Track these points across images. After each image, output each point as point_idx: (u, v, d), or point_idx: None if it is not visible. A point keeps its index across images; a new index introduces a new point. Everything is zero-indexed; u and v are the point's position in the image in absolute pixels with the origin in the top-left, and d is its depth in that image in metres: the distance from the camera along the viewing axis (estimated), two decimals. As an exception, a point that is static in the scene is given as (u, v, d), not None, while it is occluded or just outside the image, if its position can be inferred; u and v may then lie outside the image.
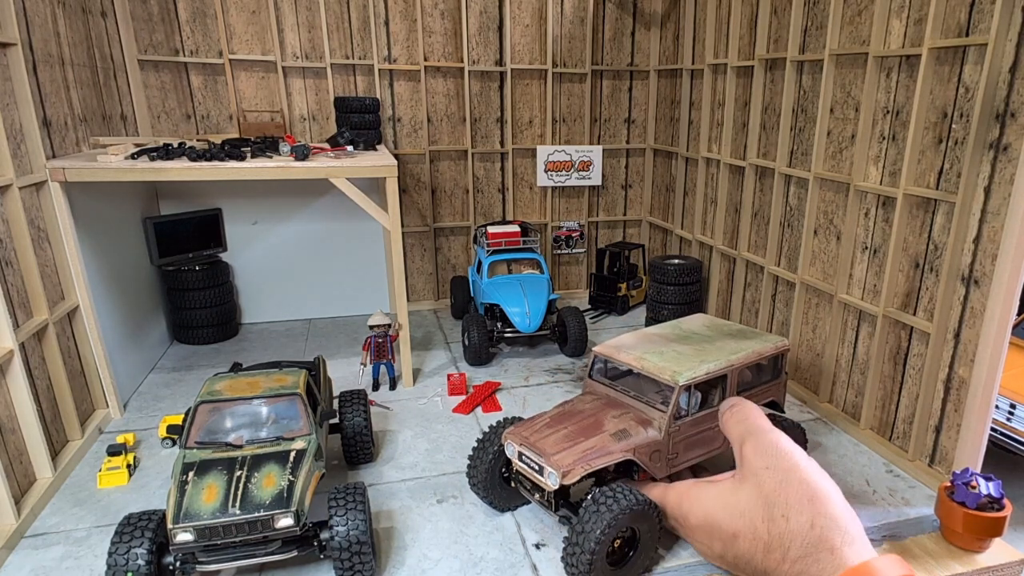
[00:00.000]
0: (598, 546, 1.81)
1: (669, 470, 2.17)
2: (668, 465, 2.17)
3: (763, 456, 0.92)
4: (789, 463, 0.90)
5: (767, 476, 0.90)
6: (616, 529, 1.89)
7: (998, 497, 3.00)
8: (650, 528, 1.92)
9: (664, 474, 2.15)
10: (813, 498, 0.87)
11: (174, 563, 2.63)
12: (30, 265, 3.55)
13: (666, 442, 2.18)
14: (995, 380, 3.30)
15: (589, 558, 1.82)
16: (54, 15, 4.04)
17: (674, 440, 2.23)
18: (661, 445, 2.16)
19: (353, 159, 4.53)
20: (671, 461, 2.17)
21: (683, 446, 2.26)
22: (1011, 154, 3.10)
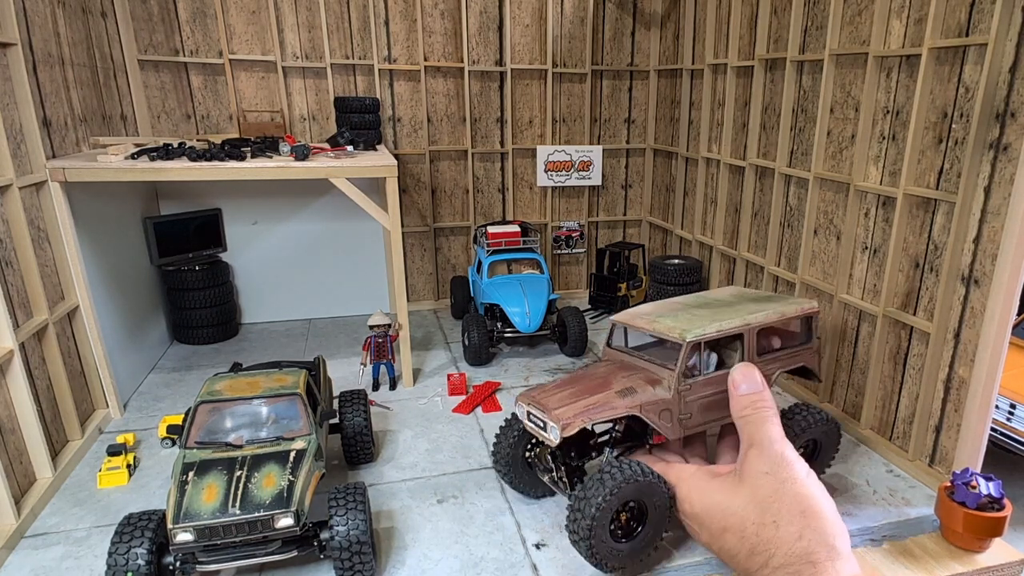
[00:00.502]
0: (599, 512, 1.75)
1: (683, 431, 2.09)
2: (681, 426, 2.08)
3: (765, 462, 0.94)
4: (788, 473, 0.92)
5: (765, 481, 0.92)
6: (619, 499, 1.84)
7: (998, 497, 3.00)
8: (659, 504, 1.87)
9: (677, 435, 2.08)
10: (806, 511, 0.89)
11: (174, 563, 2.63)
12: (30, 265, 3.55)
13: (676, 401, 2.10)
14: (995, 380, 3.30)
15: (589, 523, 1.70)
16: (54, 15, 4.04)
17: (685, 399, 2.14)
18: (670, 404, 2.07)
19: (353, 159, 4.53)
20: (684, 422, 2.08)
21: (697, 407, 2.16)
22: (1011, 154, 3.10)
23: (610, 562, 1.84)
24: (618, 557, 1.80)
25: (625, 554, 1.84)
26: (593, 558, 1.72)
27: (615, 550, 1.85)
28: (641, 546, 1.86)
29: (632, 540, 1.76)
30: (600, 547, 1.66)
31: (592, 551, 1.68)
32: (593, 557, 1.72)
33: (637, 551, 1.88)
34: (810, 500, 0.96)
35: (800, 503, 0.94)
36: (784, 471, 0.99)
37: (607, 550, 1.66)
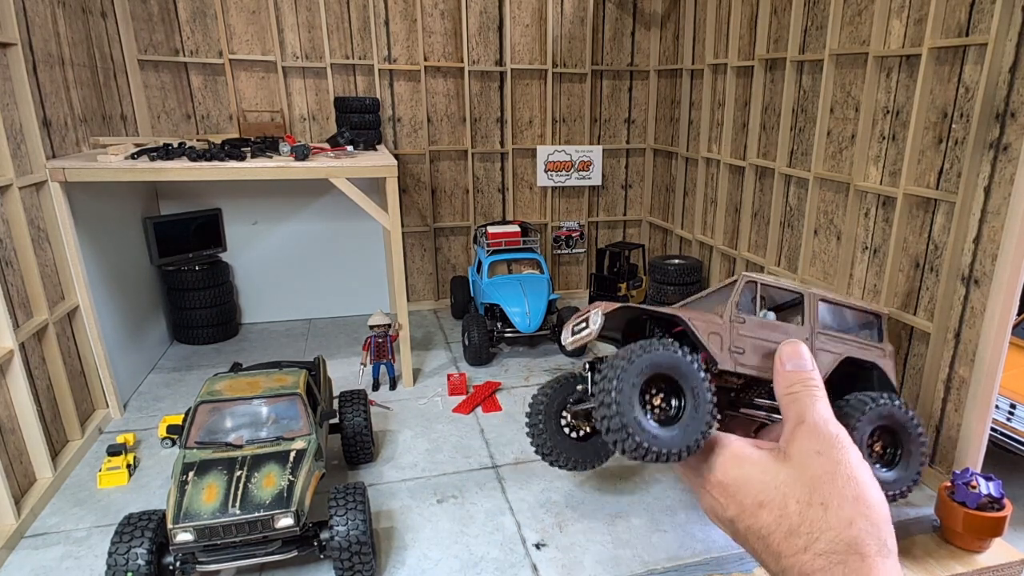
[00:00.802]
0: (628, 365, 1.45)
1: (734, 364, 1.87)
2: (732, 357, 1.87)
3: (817, 440, 0.86)
4: (843, 456, 0.84)
5: (816, 460, 0.84)
6: (650, 362, 1.43)
7: (998, 497, 3.00)
8: (699, 391, 1.45)
9: (726, 364, 1.81)
10: (859, 498, 0.81)
11: (174, 563, 2.63)
12: (30, 265, 3.55)
13: (727, 328, 1.91)
14: (995, 380, 3.30)
15: (615, 383, 1.40)
16: (54, 15, 4.04)
17: (739, 332, 1.94)
18: (721, 329, 1.85)
19: (353, 159, 4.53)
20: (735, 355, 1.88)
21: (751, 346, 1.96)
22: (1011, 154, 3.10)
23: (641, 440, 1.35)
24: (650, 438, 1.34)
25: (660, 439, 1.36)
26: (623, 429, 1.35)
27: (647, 431, 1.38)
28: (680, 436, 1.36)
29: (674, 424, 1.44)
30: (629, 417, 1.35)
31: (622, 420, 1.36)
32: (623, 429, 1.37)
33: (675, 441, 1.37)
34: (865, 487, 0.86)
35: (854, 488, 0.85)
36: (838, 452, 0.89)
37: (638, 423, 1.34)
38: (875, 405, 2.63)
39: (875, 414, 2.63)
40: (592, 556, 3.02)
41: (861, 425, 2.59)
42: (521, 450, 3.95)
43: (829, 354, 2.60)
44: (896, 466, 2.80)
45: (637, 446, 1.24)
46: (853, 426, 2.56)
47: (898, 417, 2.73)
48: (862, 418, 2.59)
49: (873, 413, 2.63)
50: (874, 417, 2.65)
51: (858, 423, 2.57)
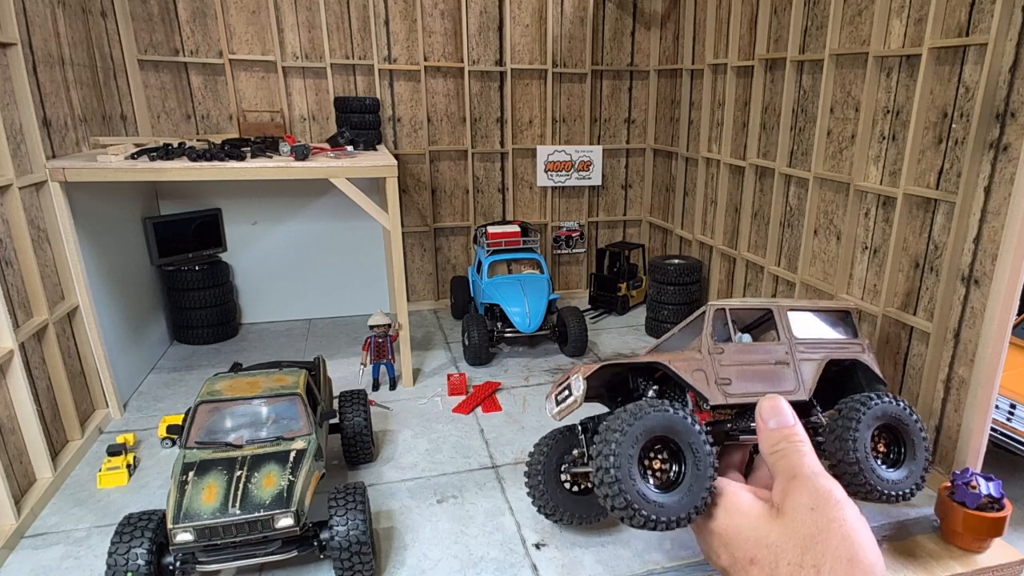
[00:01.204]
0: (622, 437, 1.42)
1: (724, 397, 1.86)
2: (720, 391, 1.87)
3: (812, 497, 0.80)
4: (837, 513, 0.79)
5: (810, 518, 0.79)
6: (644, 428, 1.43)
7: (998, 497, 3.00)
8: (697, 446, 1.45)
9: (717, 399, 1.80)
10: (853, 559, 0.76)
11: (174, 563, 2.63)
12: (30, 265, 3.55)
13: (708, 362, 1.89)
14: (995, 380, 3.30)
15: (612, 454, 1.37)
16: (54, 15, 4.04)
17: (720, 363, 1.92)
18: (703, 364, 1.82)
19: (353, 159, 4.53)
20: (723, 387, 1.87)
21: (736, 373, 1.96)
22: (1011, 154, 3.10)
23: (648, 513, 1.35)
24: (656, 508, 1.32)
25: (666, 507, 1.36)
26: (628, 507, 1.32)
27: (653, 501, 1.36)
28: (687, 499, 1.36)
29: (673, 491, 1.42)
30: (632, 492, 1.31)
31: (625, 498, 1.32)
32: (628, 506, 1.33)
33: (682, 505, 1.38)
34: (861, 548, 0.80)
35: (848, 549, 0.80)
36: (832, 510, 0.83)
37: (642, 497, 1.31)
38: (871, 405, 2.55)
39: (873, 415, 2.56)
40: (592, 556, 3.02)
41: (862, 428, 2.52)
42: (521, 450, 3.95)
43: (811, 362, 2.55)
44: (902, 464, 2.71)
45: (645, 520, 1.24)
46: (855, 429, 2.48)
47: (896, 414, 2.66)
48: (862, 420, 2.51)
49: (871, 414, 2.55)
50: (873, 418, 2.54)
51: (859, 426, 2.50)
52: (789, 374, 2.06)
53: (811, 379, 2.71)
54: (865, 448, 2.56)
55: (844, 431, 1.94)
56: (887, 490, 2.51)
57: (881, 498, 2.30)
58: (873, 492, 2.37)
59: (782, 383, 2.28)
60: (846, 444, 2.04)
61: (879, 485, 2.22)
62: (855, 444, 2.47)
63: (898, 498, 2.63)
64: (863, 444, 2.50)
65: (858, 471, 1.65)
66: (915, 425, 2.82)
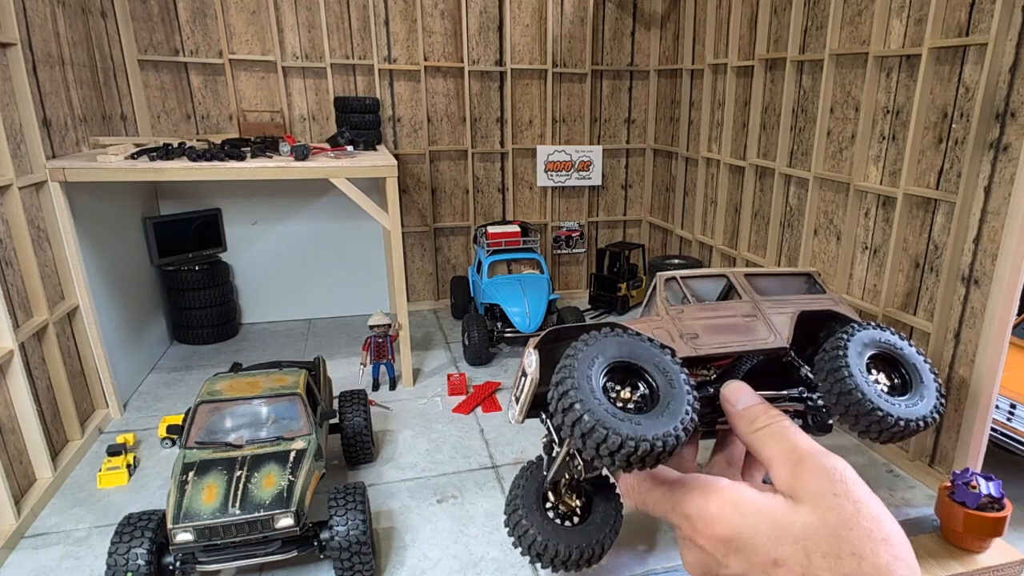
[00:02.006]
0: (575, 371, 1.09)
1: (693, 349, 1.52)
2: (688, 343, 1.53)
3: (829, 480, 0.68)
4: (859, 495, 0.69)
5: (835, 504, 0.68)
6: (603, 350, 1.00)
7: (998, 497, 3.00)
8: (672, 375, 1.07)
9: (686, 352, 1.38)
10: (888, 539, 0.68)
11: (174, 563, 2.63)
12: (30, 265, 3.55)
13: (669, 321, 1.57)
14: (995, 380, 3.30)
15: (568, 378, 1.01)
16: (54, 15, 4.04)
17: (683, 320, 1.60)
18: (664, 323, 1.53)
19: (353, 159, 4.53)
20: (691, 340, 1.54)
21: (701, 328, 1.63)
22: (1011, 154, 3.10)
23: (626, 432, 0.93)
24: (633, 427, 0.88)
25: (645, 425, 0.94)
26: (597, 428, 1.01)
27: (626, 419, 0.94)
28: (666, 418, 0.96)
29: (652, 409, 1.08)
30: (599, 411, 0.92)
31: (592, 416, 0.93)
32: (597, 427, 1.00)
33: (663, 423, 0.97)
34: (889, 523, 0.73)
35: (881, 528, 0.72)
36: (854, 491, 0.74)
37: (612, 415, 0.99)
38: (855, 331, 2.21)
39: (860, 340, 2.20)
40: (592, 556, 3.02)
41: (851, 353, 2.07)
42: (521, 450, 3.95)
43: (782, 315, 2.25)
44: (912, 390, 2.30)
45: (622, 442, 0.94)
46: (844, 356, 2.08)
47: (888, 340, 2.24)
48: (849, 344, 2.09)
49: (858, 339, 2.19)
50: (861, 344, 2.19)
51: (847, 352, 2.06)
52: (760, 325, 1.66)
53: (786, 329, 2.25)
54: (861, 373, 2.11)
55: (833, 360, 1.51)
56: (903, 415, 2.02)
57: (898, 429, 1.72)
58: (886, 422, 1.74)
59: (755, 333, 1.88)
60: (839, 373, 1.60)
61: (891, 410, 1.59)
62: (850, 370, 1.96)
63: (918, 425, 2.07)
64: (857, 369, 2.05)
65: (861, 397, 1.20)
66: (911, 350, 2.32)
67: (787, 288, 2.32)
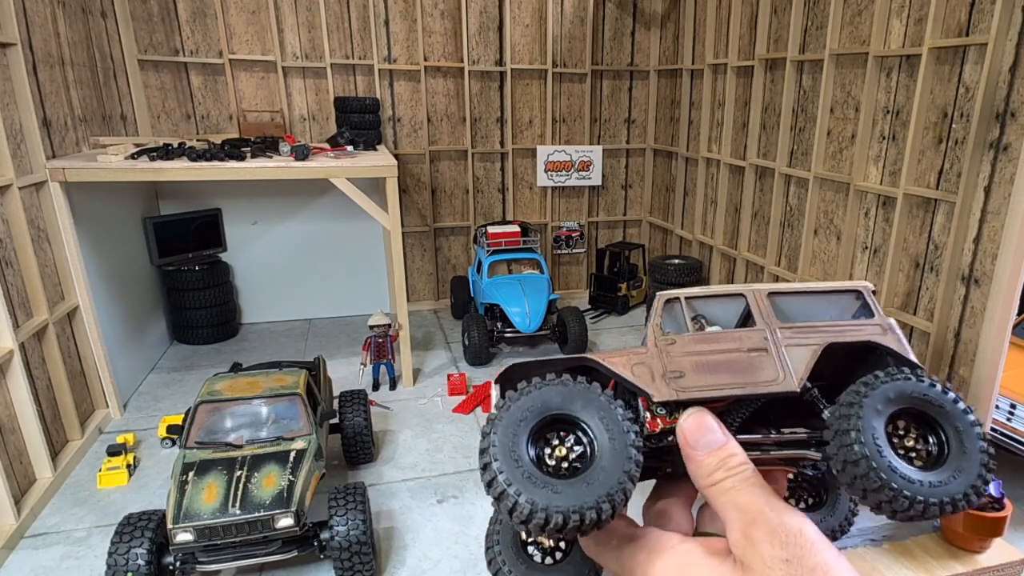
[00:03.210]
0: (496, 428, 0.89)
1: (675, 392, 1.28)
2: (669, 384, 1.30)
3: (782, 545, 0.60)
4: (817, 561, 0.60)
5: (787, 573, 0.60)
6: (537, 402, 0.84)
7: (998, 497, 3.00)
8: (613, 429, 0.91)
9: (664, 396, 1.12)
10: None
11: (174, 563, 2.63)
12: (30, 265, 3.55)
13: (655, 355, 1.32)
14: (995, 380, 3.30)
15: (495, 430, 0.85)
16: (54, 15, 4.04)
17: (670, 355, 1.35)
18: (646, 358, 1.26)
19: (353, 159, 4.53)
20: (674, 380, 1.32)
21: (691, 365, 1.39)
22: (1011, 154, 3.10)
23: (536, 503, 0.77)
24: (548, 496, 0.74)
25: (564, 493, 0.81)
26: (512, 501, 0.78)
27: (542, 485, 0.82)
28: (595, 485, 0.83)
29: (576, 477, 0.93)
30: (515, 476, 0.67)
31: (508, 490, 0.76)
32: (513, 501, 0.60)
33: (586, 492, 0.85)
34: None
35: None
36: (809, 556, 0.66)
37: (528, 480, 0.82)
38: (877, 384, 1.80)
39: (882, 395, 1.80)
40: (592, 556, 3.02)
41: (867, 413, 1.64)
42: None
43: (803, 348, 1.73)
44: (945, 463, 1.84)
45: (531, 512, 0.78)
46: (857, 416, 1.69)
47: (923, 393, 1.75)
48: (865, 403, 1.66)
49: (879, 395, 1.77)
50: (884, 400, 1.81)
51: (861, 411, 1.65)
52: (768, 362, 1.28)
53: (803, 366, 1.83)
54: (875, 440, 1.73)
55: (843, 421, 1.22)
56: (924, 496, 1.56)
57: (916, 512, 1.21)
58: (899, 502, 1.26)
59: (758, 372, 1.58)
60: (847, 437, 1.30)
61: (907, 489, 1.13)
62: (860, 435, 1.65)
63: (943, 508, 1.54)
64: (871, 435, 1.74)
65: (868, 471, 0.95)
66: (955, 407, 1.75)
67: (824, 310, 1.82)
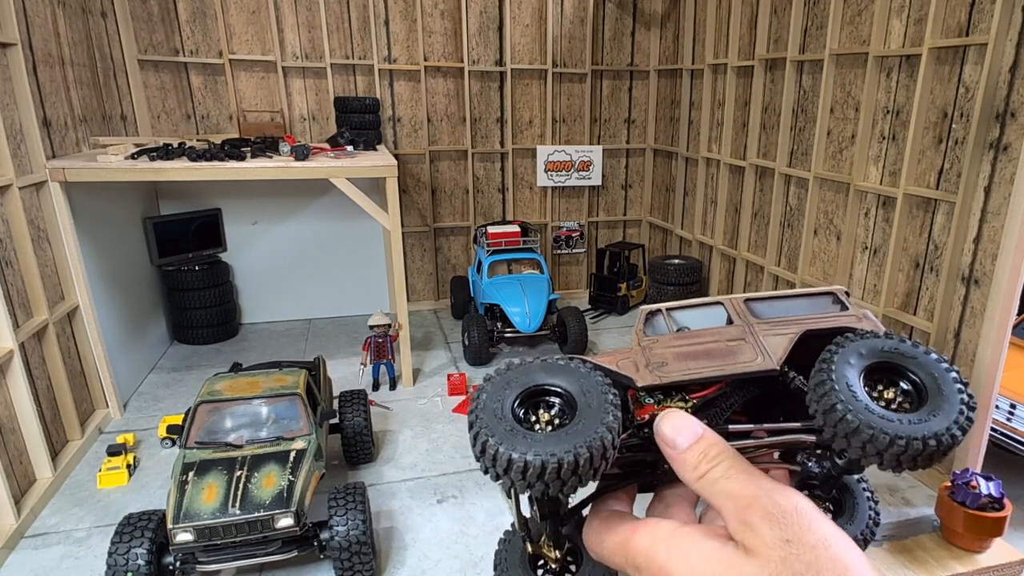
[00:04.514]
0: (482, 395, 0.87)
1: (658, 378, 1.29)
2: (652, 372, 1.32)
3: (780, 525, 0.59)
4: (816, 535, 0.60)
5: (788, 553, 0.59)
6: (517, 386, 0.84)
7: (998, 497, 3.00)
8: (595, 400, 0.87)
9: (647, 381, 1.14)
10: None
11: (174, 563, 2.63)
12: (30, 265, 3.55)
13: (639, 351, 1.37)
14: (995, 380, 3.30)
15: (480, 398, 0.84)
16: (54, 15, 4.04)
17: (654, 350, 1.37)
18: (631, 355, 1.32)
19: (353, 159, 4.53)
20: (656, 369, 1.33)
21: (673, 355, 1.40)
22: (1011, 154, 3.10)
23: (523, 451, 0.78)
24: (544, 444, 0.73)
25: (545, 442, 0.81)
26: (497, 458, 0.74)
27: (533, 438, 0.81)
28: (575, 434, 0.83)
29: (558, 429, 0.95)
30: (499, 432, 0.63)
31: (490, 443, 0.75)
32: (498, 458, 0.77)
33: (567, 439, 0.83)
34: (850, 560, 0.65)
35: (841, 568, 0.64)
36: (808, 533, 0.65)
37: (511, 434, 0.79)
38: (847, 341, 1.66)
39: (854, 350, 1.66)
40: (592, 556, 3.02)
41: (839, 364, 1.45)
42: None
43: (780, 336, 1.63)
44: (925, 406, 1.70)
45: (510, 460, 0.76)
46: (831, 370, 1.57)
47: (895, 347, 1.67)
48: (837, 354, 1.44)
49: (851, 349, 1.63)
50: (856, 354, 1.69)
51: (834, 364, 1.49)
52: (746, 348, 1.26)
53: (781, 349, 1.71)
54: (849, 386, 1.55)
55: (818, 374, 1.11)
56: (903, 433, 1.35)
57: (899, 449, 1.09)
58: (879, 441, 1.15)
59: (737, 356, 1.52)
60: (822, 388, 1.17)
61: (886, 428, 1.04)
62: (834, 383, 1.44)
63: (926, 444, 1.26)
64: (844, 382, 1.53)
65: (844, 413, 0.88)
66: (928, 357, 1.57)
67: (800, 310, 1.85)
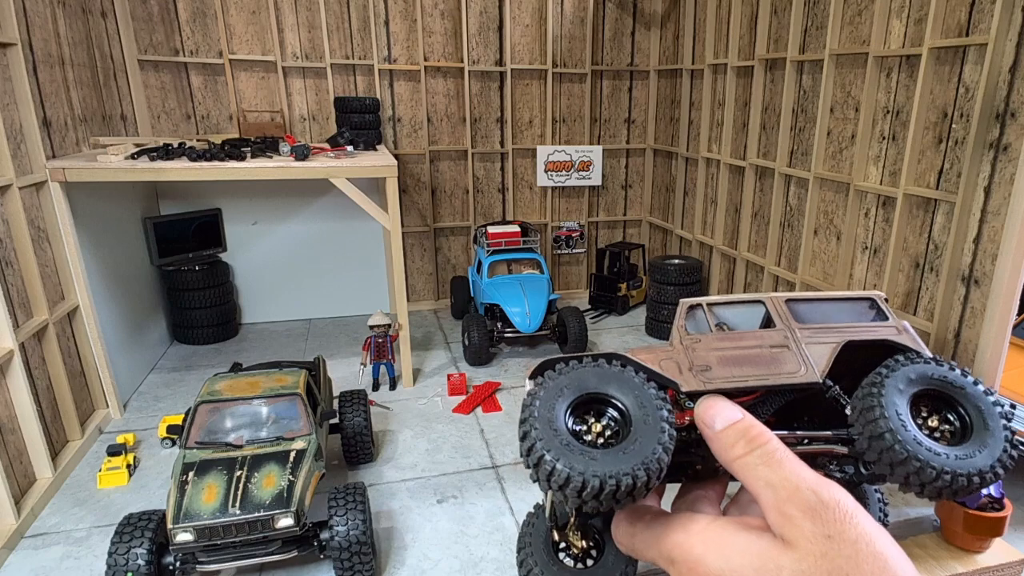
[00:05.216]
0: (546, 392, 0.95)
1: (703, 383, 1.32)
2: (697, 377, 1.34)
3: (822, 519, 0.59)
4: (859, 529, 0.59)
5: (829, 548, 0.58)
6: (575, 384, 0.88)
7: (998, 497, 3.00)
8: (650, 413, 0.95)
9: (692, 386, 1.19)
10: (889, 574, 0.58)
11: (174, 563, 2.63)
12: (30, 265, 3.55)
13: (681, 352, 1.38)
14: (995, 380, 3.30)
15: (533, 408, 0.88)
16: (54, 15, 4.04)
17: (697, 351, 1.39)
18: (673, 355, 1.34)
19: (353, 159, 4.53)
20: (700, 373, 1.35)
21: (717, 360, 1.43)
22: (1011, 154, 3.10)
23: (578, 468, 0.82)
24: (588, 462, 0.76)
25: (601, 461, 0.83)
26: (554, 471, 0.72)
27: (589, 456, 0.83)
28: (633, 453, 0.85)
29: (611, 447, 0.99)
30: (555, 445, 0.89)
31: (543, 462, 0.86)
32: (554, 470, 0.73)
33: (624, 460, 0.87)
34: (892, 559, 0.65)
35: (882, 565, 0.64)
36: (851, 528, 0.65)
37: (566, 448, 0.91)
38: (897, 366, 1.72)
39: (903, 376, 1.78)
40: (592, 556, 3.02)
41: (889, 391, 1.56)
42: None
43: (822, 345, 1.80)
44: (969, 440, 1.78)
45: (569, 476, 0.82)
46: (880, 395, 1.61)
47: (942, 376, 1.71)
48: (887, 382, 1.58)
49: (900, 375, 1.75)
50: (905, 381, 1.79)
51: (884, 391, 1.57)
52: (790, 357, 1.32)
53: (824, 360, 1.81)
54: (899, 415, 1.62)
55: (867, 399, 1.17)
56: (949, 467, 1.48)
57: (943, 484, 1.15)
58: (926, 474, 1.21)
59: (781, 365, 1.59)
60: (871, 413, 1.23)
61: (933, 461, 1.10)
62: (884, 410, 1.52)
63: (970, 481, 1.46)
64: (894, 410, 1.60)
65: (894, 443, 0.92)
66: (975, 388, 1.72)
67: (840, 315, 1.85)
